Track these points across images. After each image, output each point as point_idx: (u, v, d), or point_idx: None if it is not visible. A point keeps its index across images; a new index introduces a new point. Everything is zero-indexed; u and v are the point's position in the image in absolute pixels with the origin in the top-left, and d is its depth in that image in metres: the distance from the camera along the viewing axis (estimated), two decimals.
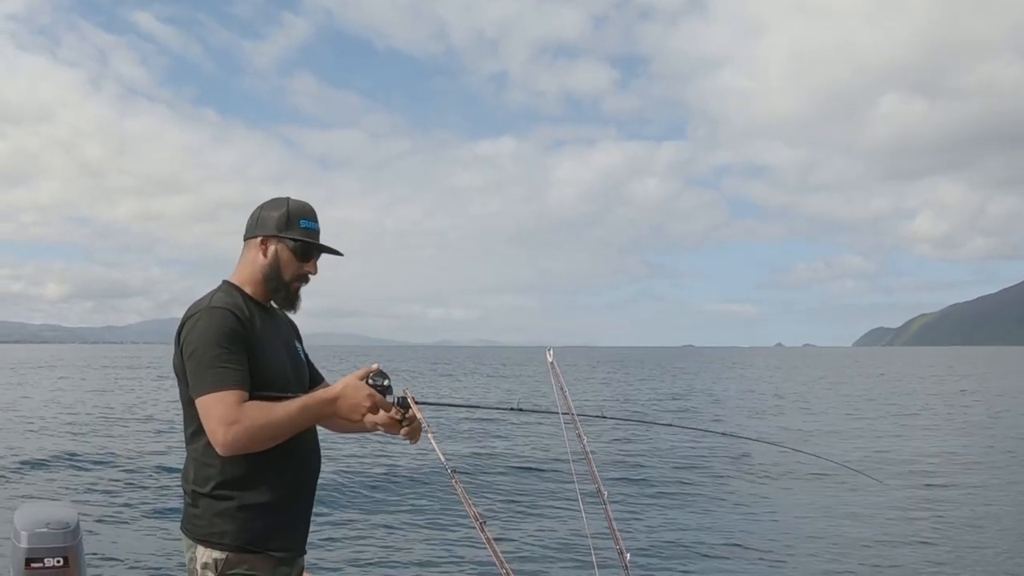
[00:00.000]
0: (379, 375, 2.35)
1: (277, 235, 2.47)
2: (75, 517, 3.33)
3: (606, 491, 3.80)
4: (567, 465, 3.07)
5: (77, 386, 36.07)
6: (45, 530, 3.20)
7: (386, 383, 2.36)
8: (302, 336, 2.76)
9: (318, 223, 2.55)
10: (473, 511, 3.52)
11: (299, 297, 2.55)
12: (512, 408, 2.86)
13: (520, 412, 2.84)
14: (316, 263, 2.54)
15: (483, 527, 3.56)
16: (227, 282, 2.51)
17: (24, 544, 3.17)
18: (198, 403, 2.26)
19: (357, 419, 2.32)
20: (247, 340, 2.33)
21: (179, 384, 2.40)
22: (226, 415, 2.20)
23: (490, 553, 3.45)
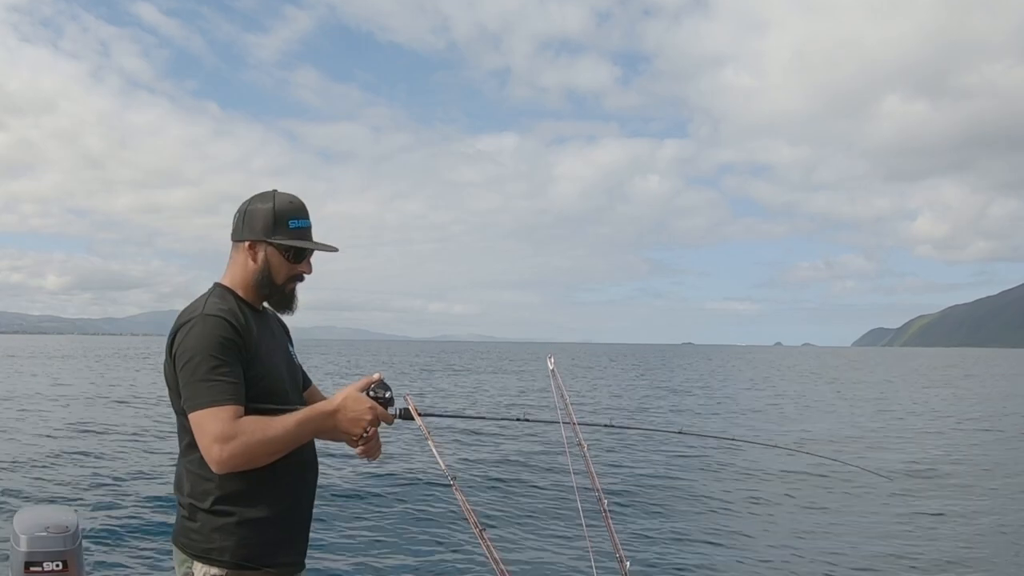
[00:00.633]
0: (381, 386, 2.27)
1: (266, 240, 2.33)
2: (75, 521, 3.31)
3: (606, 500, 3.79)
4: (568, 472, 3.05)
5: (76, 378, 36.07)
6: (44, 534, 3.18)
7: (388, 395, 2.27)
8: (301, 329, 2.66)
9: (309, 218, 2.40)
10: (473, 518, 3.51)
11: (295, 297, 2.43)
12: (517, 419, 2.82)
13: (524, 422, 2.81)
14: (310, 262, 2.41)
15: (483, 534, 3.56)
16: (219, 285, 2.39)
17: (23, 548, 3.16)
18: (191, 418, 2.16)
19: (358, 433, 2.24)
20: (243, 349, 2.23)
21: (171, 394, 2.29)
22: (221, 432, 2.10)
23: (490, 560, 3.44)
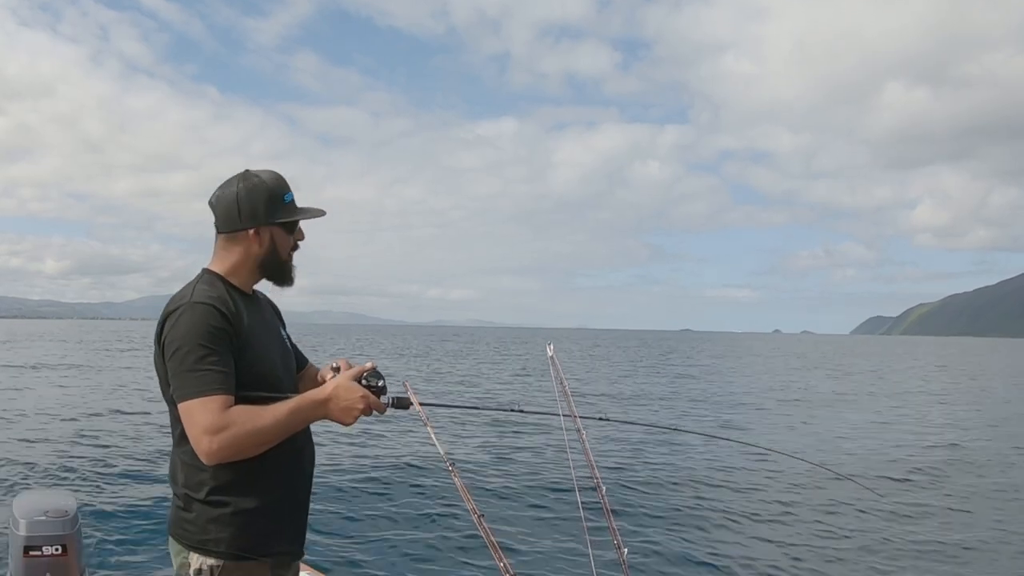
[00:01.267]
0: (374, 375, 2.25)
1: (270, 223, 2.34)
2: (74, 505, 3.33)
3: (604, 487, 3.81)
4: (566, 460, 3.05)
5: (74, 362, 36.07)
6: (44, 518, 3.20)
7: (381, 383, 2.25)
8: (298, 314, 2.64)
9: (291, 190, 2.42)
10: (471, 504, 3.53)
11: (293, 269, 2.45)
12: (513, 410, 2.80)
13: (522, 413, 2.80)
14: (301, 228, 2.44)
15: (481, 520, 3.57)
16: (208, 271, 2.36)
17: (23, 532, 3.18)
18: (181, 408, 2.13)
19: (350, 422, 2.22)
20: (233, 337, 2.20)
21: (161, 384, 2.26)
22: (210, 423, 2.07)
23: (487, 544, 3.46)
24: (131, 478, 9.92)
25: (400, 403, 2.32)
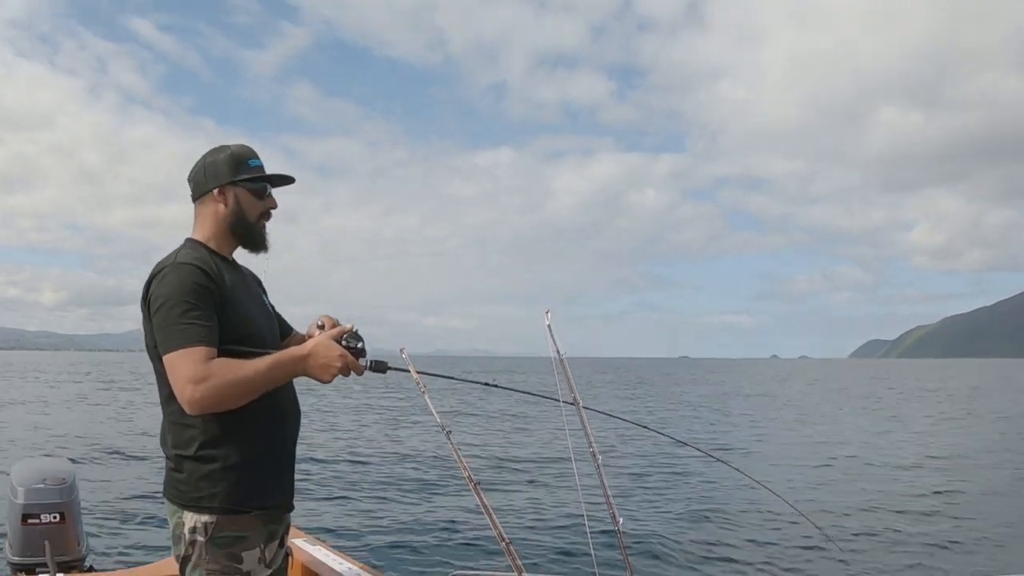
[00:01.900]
0: (353, 336, 2.31)
1: (232, 181, 2.42)
2: (72, 472, 3.33)
3: (600, 456, 3.83)
4: (563, 428, 3.07)
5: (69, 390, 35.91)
6: (42, 486, 3.21)
7: (360, 345, 2.31)
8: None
9: (260, 159, 2.51)
10: (467, 472, 3.55)
11: (266, 234, 2.51)
12: (488, 384, 2.82)
13: (498, 388, 2.81)
14: (274, 197, 2.50)
15: (477, 487, 3.59)
16: (190, 239, 2.45)
17: (21, 500, 3.18)
18: (165, 360, 2.19)
19: (328, 379, 2.27)
20: (217, 295, 2.27)
21: (147, 343, 2.33)
22: (193, 373, 2.13)
23: (483, 512, 3.47)
24: (128, 447, 9.87)
25: (377, 367, 2.37)
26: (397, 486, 8.74)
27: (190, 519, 2.27)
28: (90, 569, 3.41)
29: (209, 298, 2.24)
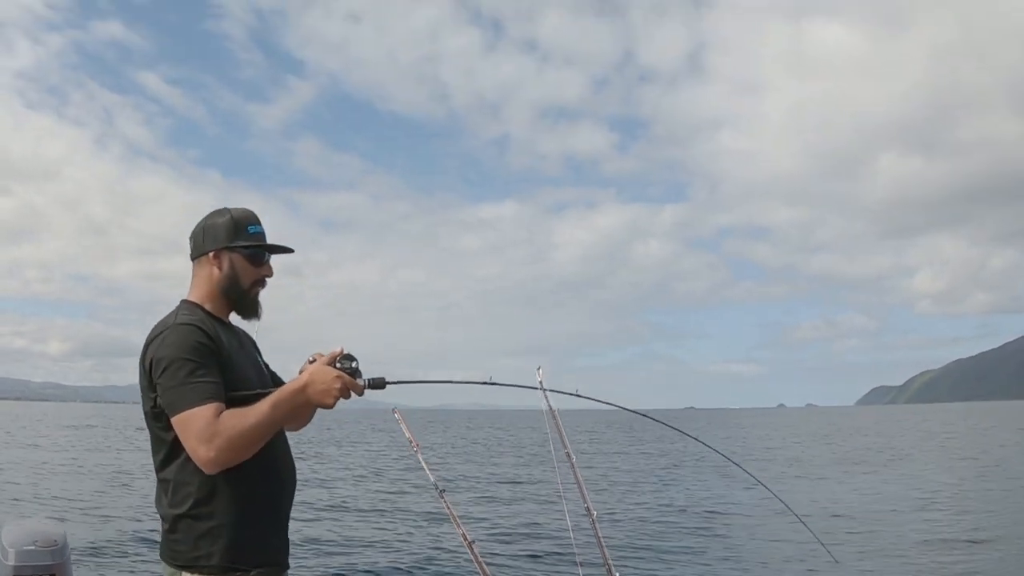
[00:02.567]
0: (346, 358, 2.32)
1: (228, 246, 2.45)
2: (63, 535, 3.30)
3: (595, 512, 3.80)
4: (557, 486, 3.05)
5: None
6: (33, 547, 3.17)
7: (354, 365, 2.32)
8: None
9: (262, 226, 2.53)
10: (462, 530, 3.53)
11: (259, 303, 2.53)
12: (485, 383, 2.82)
13: (495, 386, 2.80)
14: (270, 264, 2.53)
15: (472, 546, 3.56)
16: (186, 301, 2.48)
17: (11, 561, 3.15)
18: (175, 421, 2.21)
19: (331, 403, 2.27)
20: (216, 354, 2.30)
21: (144, 407, 2.34)
22: (204, 431, 2.15)
23: (478, 571, 3.44)
24: (121, 508, 9.72)
25: (375, 383, 2.38)
26: (387, 544, 8.63)
27: None
28: None
29: (211, 356, 2.28)
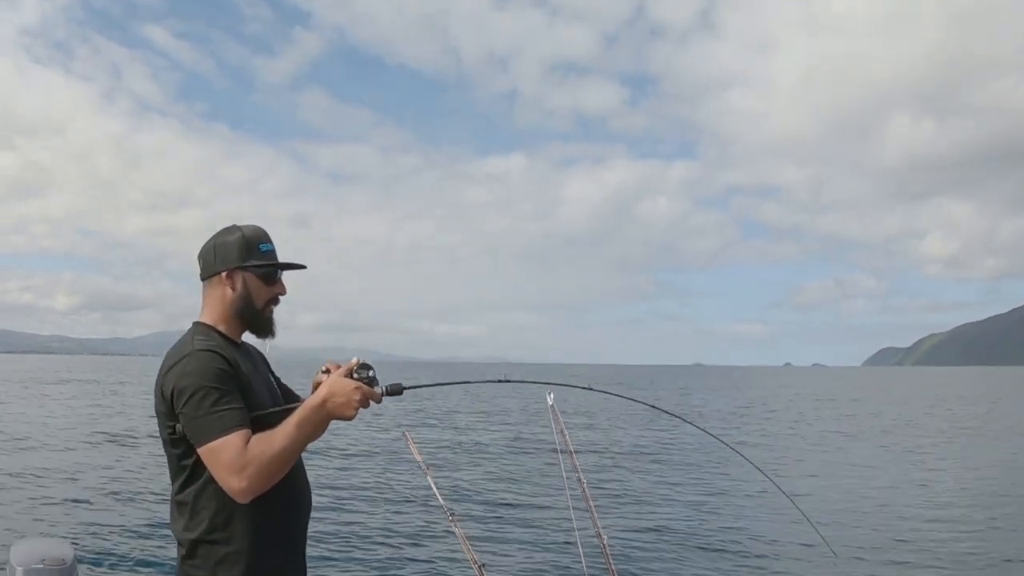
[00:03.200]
0: (363, 368, 2.31)
1: (241, 266, 2.42)
2: (71, 554, 3.30)
3: (605, 537, 3.78)
4: (566, 506, 3.02)
5: (81, 398, 36.04)
6: (41, 566, 3.16)
7: (371, 374, 2.31)
8: (309, 350, 2.66)
9: (272, 243, 2.50)
10: (472, 555, 3.50)
11: (274, 321, 2.51)
12: (499, 380, 2.80)
13: (507, 383, 2.83)
14: (283, 282, 2.50)
15: (482, 570, 3.54)
16: (200, 323, 2.44)
17: None
18: (203, 452, 2.20)
19: (352, 414, 2.25)
20: (236, 379, 2.29)
21: (162, 434, 2.33)
22: (235, 462, 2.15)
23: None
24: (128, 527, 9.64)
25: (393, 390, 2.38)
26: (400, 562, 8.65)
27: None
28: None
29: (232, 381, 2.26)
